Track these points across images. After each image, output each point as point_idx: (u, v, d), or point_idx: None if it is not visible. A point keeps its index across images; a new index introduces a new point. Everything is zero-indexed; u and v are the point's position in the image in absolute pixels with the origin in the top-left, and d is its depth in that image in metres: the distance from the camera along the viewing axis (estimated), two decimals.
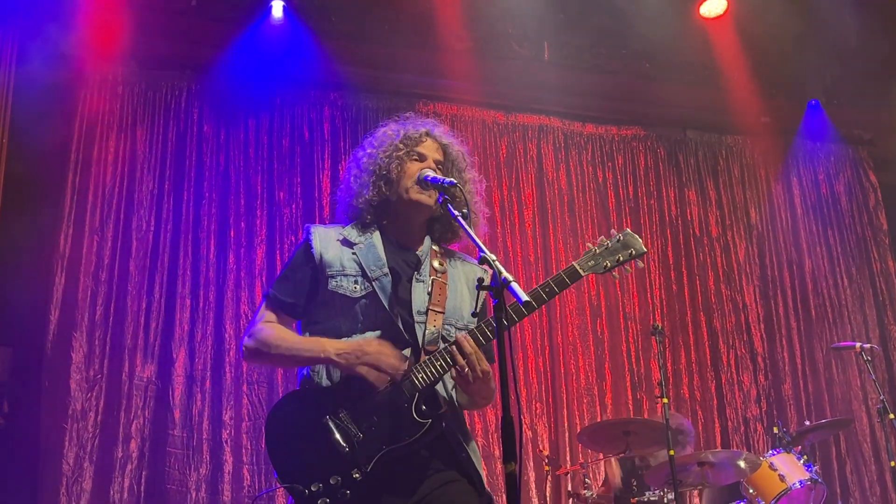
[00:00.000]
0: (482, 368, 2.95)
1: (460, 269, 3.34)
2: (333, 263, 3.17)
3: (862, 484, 8.57)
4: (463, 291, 3.28)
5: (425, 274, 3.21)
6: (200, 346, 7.18)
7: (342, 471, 2.90)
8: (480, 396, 3.16)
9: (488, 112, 8.70)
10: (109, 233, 7.22)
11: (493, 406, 7.65)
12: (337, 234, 3.27)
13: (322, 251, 3.20)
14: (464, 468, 3.08)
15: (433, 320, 3.11)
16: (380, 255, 3.19)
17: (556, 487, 7.59)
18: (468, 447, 3.12)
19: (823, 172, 9.67)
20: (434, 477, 3.02)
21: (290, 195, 7.80)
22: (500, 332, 2.64)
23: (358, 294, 3.12)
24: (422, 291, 3.17)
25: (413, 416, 2.94)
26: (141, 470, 6.78)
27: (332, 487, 2.89)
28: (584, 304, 8.35)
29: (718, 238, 9.10)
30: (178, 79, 7.79)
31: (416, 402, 2.96)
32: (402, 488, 2.97)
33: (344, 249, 3.21)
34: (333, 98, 8.18)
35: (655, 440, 6.11)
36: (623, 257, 3.18)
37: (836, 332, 9.00)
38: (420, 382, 2.97)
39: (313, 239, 3.25)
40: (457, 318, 3.20)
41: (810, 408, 8.67)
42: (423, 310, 3.13)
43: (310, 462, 2.93)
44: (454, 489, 3.03)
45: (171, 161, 7.60)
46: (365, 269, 3.14)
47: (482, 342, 3.00)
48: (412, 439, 2.93)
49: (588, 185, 8.83)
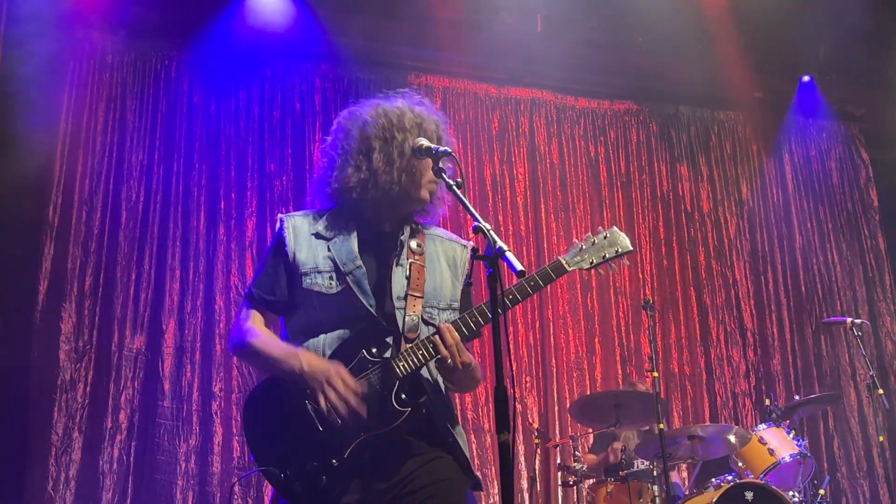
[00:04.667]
0: (463, 361, 2.93)
1: (439, 247, 3.29)
2: (307, 262, 3.11)
3: (849, 458, 8.63)
4: (443, 270, 3.23)
5: (404, 257, 3.15)
6: (190, 318, 7.16)
7: (320, 456, 2.88)
8: (463, 384, 3.15)
9: (480, 85, 8.66)
10: (99, 203, 7.17)
11: (483, 379, 7.68)
12: (310, 226, 3.19)
13: (296, 250, 3.13)
14: (450, 450, 3.06)
15: (412, 306, 3.07)
16: (352, 248, 3.12)
17: (545, 460, 7.62)
18: (454, 431, 3.09)
19: (815, 148, 9.68)
20: (418, 457, 3.00)
21: (281, 167, 7.76)
22: (495, 302, 2.62)
23: (334, 290, 3.06)
24: (400, 276, 3.12)
25: (392, 405, 2.92)
26: (130, 441, 6.78)
27: (309, 472, 2.87)
28: (574, 278, 8.35)
29: (710, 213, 9.11)
30: (169, 49, 7.71)
31: (396, 390, 2.93)
32: (384, 471, 2.95)
33: (318, 245, 3.14)
34: (325, 69, 8.13)
35: (645, 414, 6.14)
36: (609, 254, 3.24)
37: (825, 308, 9.05)
38: (401, 371, 2.94)
39: (287, 235, 3.17)
40: (438, 299, 3.16)
41: (799, 383, 8.72)
42: (402, 295, 3.08)
43: (287, 446, 2.91)
44: (440, 464, 3.01)
45: (161, 131, 7.54)
46: (338, 264, 3.08)
47: (465, 333, 2.98)
48: (389, 427, 2.91)
49: (580, 159, 8.81)
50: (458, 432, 3.11)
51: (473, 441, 7.53)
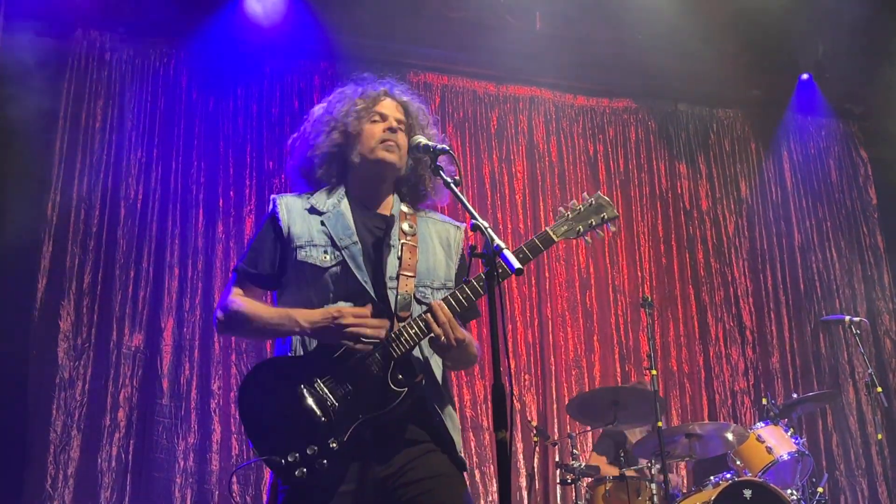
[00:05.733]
0: (456, 337, 2.91)
1: (432, 228, 3.29)
2: (302, 235, 3.11)
3: (847, 456, 8.63)
4: (436, 250, 3.23)
5: (395, 238, 3.16)
6: (189, 316, 7.16)
7: (319, 440, 2.86)
8: (460, 362, 3.16)
9: (479, 83, 8.66)
10: (97, 201, 7.17)
11: (483, 377, 7.69)
12: (304, 202, 3.21)
13: (290, 223, 3.14)
14: (439, 435, 3.05)
15: (404, 285, 3.06)
16: (348, 223, 3.13)
17: (543, 458, 7.63)
18: (443, 412, 3.07)
19: (814, 147, 9.68)
20: (412, 448, 2.99)
21: (280, 164, 7.74)
22: (493, 302, 2.61)
23: (328, 263, 3.06)
24: (392, 257, 3.11)
25: (389, 385, 2.91)
26: (129, 439, 6.78)
27: (310, 457, 2.85)
28: (573, 276, 8.35)
29: (708, 211, 9.11)
30: (167, 46, 7.71)
31: (392, 370, 2.92)
32: (380, 457, 2.95)
33: (312, 219, 3.15)
34: (323, 67, 8.12)
35: (643, 411, 6.12)
36: (595, 221, 3.20)
37: (824, 306, 9.04)
38: (395, 351, 2.93)
39: (279, 210, 3.18)
40: (432, 278, 3.16)
41: (797, 381, 8.72)
42: (394, 275, 3.08)
43: (286, 432, 2.88)
44: (433, 459, 3.01)
45: (160, 129, 7.54)
46: (334, 238, 3.08)
47: (456, 309, 2.96)
48: (388, 409, 2.90)
49: (579, 157, 8.81)
50: (447, 413, 3.09)
51: (472, 439, 7.54)
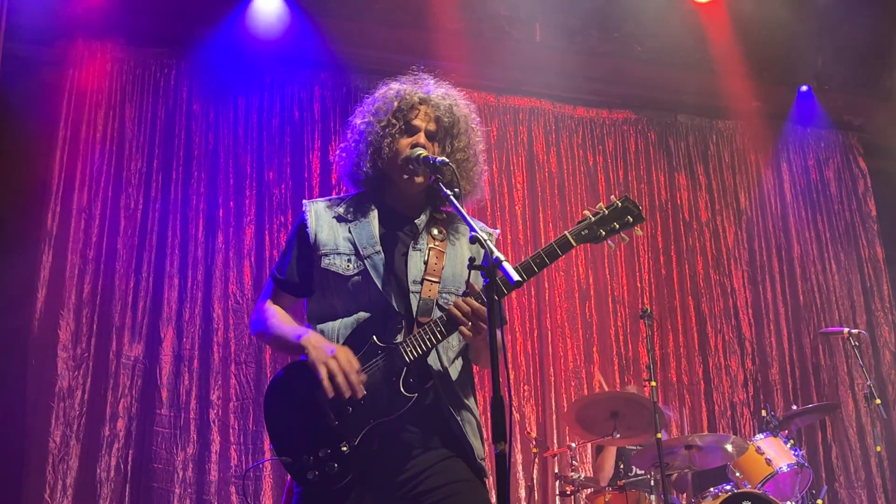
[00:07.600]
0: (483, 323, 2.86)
1: (462, 235, 3.31)
2: (328, 243, 3.16)
3: (847, 468, 8.61)
4: (464, 257, 3.22)
5: (423, 243, 3.18)
6: (188, 326, 7.17)
7: (331, 444, 2.91)
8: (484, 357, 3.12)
9: (479, 94, 8.64)
10: (97, 211, 7.18)
11: (482, 388, 7.68)
12: (333, 210, 3.24)
13: (317, 230, 3.19)
14: (456, 441, 3.06)
15: (427, 290, 3.07)
16: (373, 232, 3.15)
17: (542, 469, 7.61)
18: (460, 417, 3.08)
19: (813, 158, 9.68)
20: (429, 454, 3.01)
21: (280, 175, 7.77)
22: (492, 314, 2.62)
23: (351, 272, 3.09)
24: (418, 261, 3.13)
25: (400, 390, 2.94)
26: (128, 449, 6.78)
27: (321, 460, 2.90)
28: (572, 287, 8.35)
29: (708, 223, 9.11)
30: (168, 56, 7.73)
31: (405, 375, 2.95)
32: (395, 462, 2.97)
33: (338, 227, 3.19)
34: (324, 78, 8.14)
35: (642, 422, 6.10)
36: (619, 225, 3.08)
37: (823, 318, 9.03)
38: (409, 356, 2.95)
39: (308, 217, 3.23)
40: (456, 285, 3.16)
41: (797, 392, 8.71)
42: (418, 279, 3.09)
43: (301, 434, 2.96)
44: (452, 465, 3.03)
45: (160, 139, 7.55)
46: (358, 247, 3.11)
47: None
48: (398, 413, 2.92)
49: (578, 168, 8.82)
50: (465, 419, 3.10)
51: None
